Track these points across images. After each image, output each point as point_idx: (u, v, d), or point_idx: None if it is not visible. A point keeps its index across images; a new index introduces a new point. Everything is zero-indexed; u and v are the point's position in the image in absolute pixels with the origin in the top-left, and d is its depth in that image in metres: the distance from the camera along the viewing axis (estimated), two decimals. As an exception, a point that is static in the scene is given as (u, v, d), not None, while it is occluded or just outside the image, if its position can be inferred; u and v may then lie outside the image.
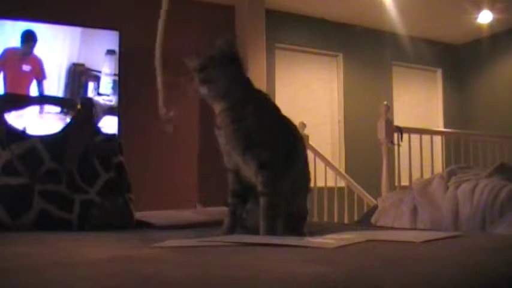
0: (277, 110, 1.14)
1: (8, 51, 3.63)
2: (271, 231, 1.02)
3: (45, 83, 3.74)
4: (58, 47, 3.80)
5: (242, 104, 1.05)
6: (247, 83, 1.10)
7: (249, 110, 1.05)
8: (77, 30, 3.85)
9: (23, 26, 3.62)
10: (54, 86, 3.74)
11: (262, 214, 1.03)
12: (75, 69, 3.83)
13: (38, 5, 3.75)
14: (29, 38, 3.68)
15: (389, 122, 3.52)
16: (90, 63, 3.90)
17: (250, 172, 1.06)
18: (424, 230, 1.62)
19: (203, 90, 1.05)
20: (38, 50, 3.73)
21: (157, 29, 1.56)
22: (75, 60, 3.84)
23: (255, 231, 1.04)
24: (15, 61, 3.68)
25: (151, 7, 4.35)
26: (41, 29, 3.74)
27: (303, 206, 1.16)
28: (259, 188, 1.04)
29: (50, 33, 3.78)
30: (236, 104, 1.05)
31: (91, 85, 3.90)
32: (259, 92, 1.13)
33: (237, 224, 1.09)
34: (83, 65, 3.87)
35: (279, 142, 1.07)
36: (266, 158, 1.04)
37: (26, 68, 3.72)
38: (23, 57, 3.71)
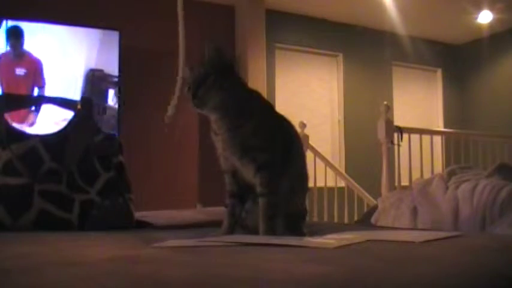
0: (271, 109, 1.14)
1: (2, 54, 3.40)
2: (270, 231, 1.02)
3: (60, 90, 3.43)
4: (74, 51, 3.60)
5: (237, 111, 1.05)
6: (241, 88, 1.09)
7: (245, 116, 1.05)
8: (94, 33, 3.66)
9: (22, 26, 3.58)
10: (71, 93, 3.49)
11: (261, 214, 1.03)
12: (93, 75, 3.60)
13: (36, 4, 3.74)
14: (13, 34, 3.37)
15: (389, 122, 3.52)
16: (111, 69, 3.68)
17: (248, 174, 1.06)
18: (424, 230, 1.62)
19: (198, 110, 1.05)
20: (52, 54, 3.48)
21: (178, 34, 1.55)
22: (93, 66, 3.62)
23: (255, 231, 1.04)
24: (8, 64, 3.41)
25: (151, 7, 4.38)
26: (56, 31, 3.57)
27: (302, 205, 1.16)
28: (258, 189, 1.04)
29: (65, 36, 3.59)
30: (231, 113, 1.05)
31: (111, 92, 3.70)
32: (252, 93, 1.12)
33: (236, 224, 1.09)
34: (102, 70, 3.66)
35: (277, 143, 1.07)
36: (264, 160, 1.04)
37: (19, 71, 3.42)
38: (16, 59, 3.42)
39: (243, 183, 1.09)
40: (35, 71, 3.48)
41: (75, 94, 3.53)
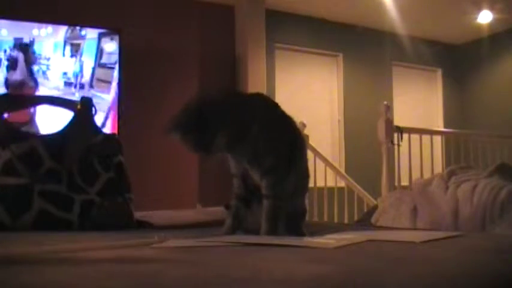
0: (274, 109, 1.13)
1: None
2: (272, 232, 1.02)
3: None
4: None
5: (243, 128, 1.03)
6: (243, 108, 1.05)
7: (246, 128, 1.03)
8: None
9: (22, 26, 3.58)
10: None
11: (264, 216, 1.03)
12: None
13: (35, 5, 3.74)
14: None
15: (389, 122, 3.52)
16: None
17: (255, 176, 1.06)
18: (424, 230, 1.62)
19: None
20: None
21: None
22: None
23: (256, 232, 1.04)
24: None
25: (151, 7, 4.38)
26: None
27: (302, 204, 1.16)
28: (263, 191, 1.04)
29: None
30: (233, 129, 1.02)
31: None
32: (255, 99, 1.10)
33: (238, 226, 1.09)
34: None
35: (282, 145, 1.07)
36: (270, 164, 1.04)
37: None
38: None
39: (252, 187, 1.08)
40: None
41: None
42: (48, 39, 3.65)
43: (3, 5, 3.57)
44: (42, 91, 3.55)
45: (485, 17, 5.27)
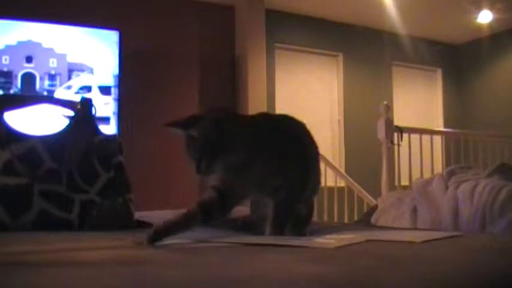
0: (277, 130, 1.10)
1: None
2: (277, 235, 1.01)
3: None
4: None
5: (244, 159, 1.00)
6: (241, 138, 1.00)
7: (251, 160, 1.00)
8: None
9: (22, 26, 3.59)
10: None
11: (273, 218, 1.02)
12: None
13: (36, 4, 3.74)
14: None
15: (389, 122, 3.51)
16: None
17: (264, 195, 1.05)
18: (424, 230, 1.62)
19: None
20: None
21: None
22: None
23: (258, 230, 1.04)
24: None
25: (151, 7, 4.38)
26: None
27: (310, 208, 1.16)
28: (273, 203, 1.03)
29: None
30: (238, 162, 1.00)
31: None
32: (254, 125, 1.06)
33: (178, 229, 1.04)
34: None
35: (293, 170, 1.04)
36: (283, 195, 1.02)
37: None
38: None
39: (229, 204, 1.03)
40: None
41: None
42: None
43: (4, 5, 3.58)
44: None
45: (485, 17, 5.27)
